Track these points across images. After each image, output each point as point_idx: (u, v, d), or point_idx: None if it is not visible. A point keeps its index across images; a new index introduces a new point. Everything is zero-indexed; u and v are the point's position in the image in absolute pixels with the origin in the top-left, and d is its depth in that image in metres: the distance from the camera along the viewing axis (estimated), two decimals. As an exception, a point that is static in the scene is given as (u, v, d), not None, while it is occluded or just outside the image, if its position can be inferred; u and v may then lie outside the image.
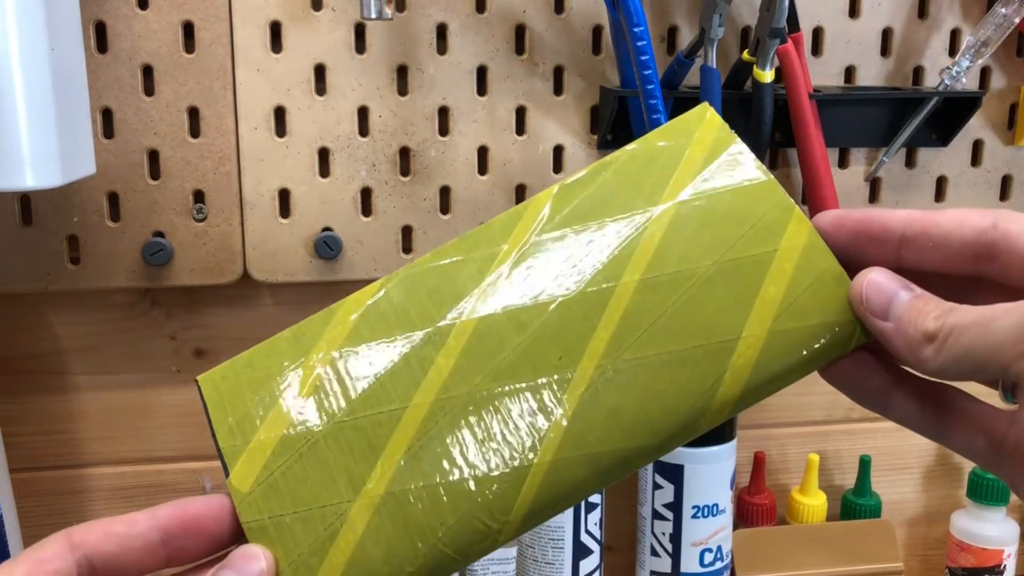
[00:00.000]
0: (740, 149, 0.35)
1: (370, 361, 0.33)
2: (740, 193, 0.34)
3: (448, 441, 0.32)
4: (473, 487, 0.31)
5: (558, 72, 0.70)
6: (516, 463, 0.31)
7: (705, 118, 0.36)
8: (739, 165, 0.35)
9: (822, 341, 0.32)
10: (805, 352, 0.32)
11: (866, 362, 0.33)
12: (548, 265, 0.34)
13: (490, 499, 0.31)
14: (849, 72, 0.73)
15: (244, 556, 0.31)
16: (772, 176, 0.35)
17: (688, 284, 0.33)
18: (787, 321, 0.32)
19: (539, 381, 0.32)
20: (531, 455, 0.31)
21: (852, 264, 0.33)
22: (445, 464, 0.32)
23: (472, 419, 0.32)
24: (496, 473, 0.31)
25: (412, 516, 0.31)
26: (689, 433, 0.32)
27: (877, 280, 0.32)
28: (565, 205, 0.35)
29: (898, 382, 0.33)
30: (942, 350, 0.29)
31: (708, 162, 0.35)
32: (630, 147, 0.36)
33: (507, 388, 0.32)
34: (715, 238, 0.34)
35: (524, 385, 0.32)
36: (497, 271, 0.34)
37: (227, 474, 0.33)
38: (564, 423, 0.32)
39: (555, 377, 0.32)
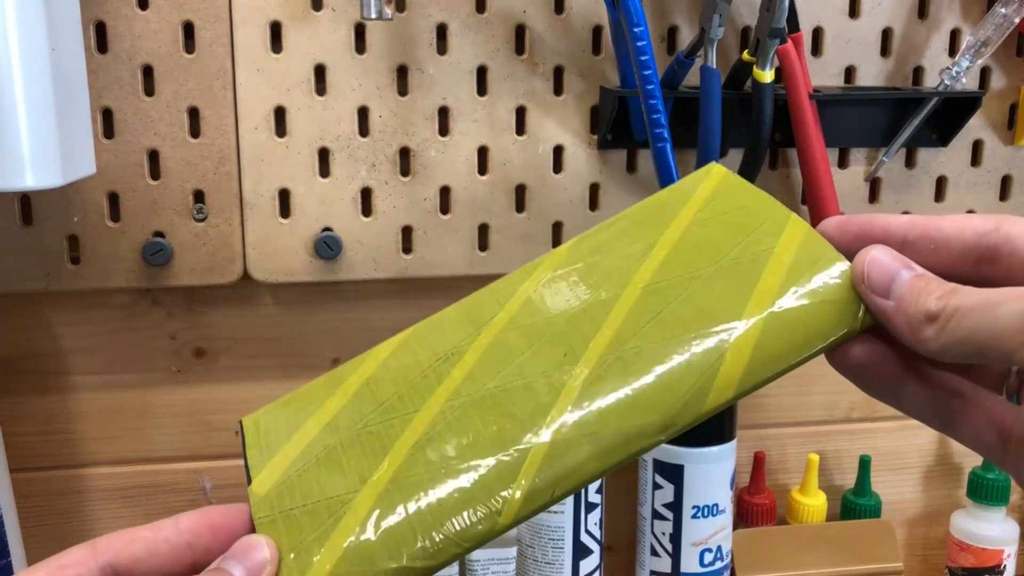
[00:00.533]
0: (742, 184, 0.38)
1: (392, 382, 0.36)
2: (740, 211, 0.37)
3: (453, 432, 0.33)
4: (473, 469, 0.32)
5: (558, 72, 0.70)
6: (517, 444, 0.32)
7: (711, 172, 0.39)
8: (739, 193, 0.38)
9: (824, 320, 0.32)
10: (807, 331, 0.32)
11: (876, 350, 0.32)
12: (561, 289, 0.37)
13: (490, 479, 0.32)
14: (849, 72, 0.73)
15: (247, 545, 0.31)
16: (772, 197, 0.37)
17: (689, 285, 0.34)
18: (788, 301, 0.33)
19: (544, 375, 0.34)
20: (531, 437, 0.32)
21: None
22: (448, 450, 0.33)
23: (478, 412, 0.33)
24: (497, 455, 0.32)
25: (412, 499, 0.32)
26: (693, 413, 0.32)
27: (879, 258, 0.31)
28: (581, 248, 0.38)
29: (909, 371, 0.32)
30: (943, 331, 0.29)
31: (711, 199, 0.38)
32: (642, 201, 0.40)
33: (513, 384, 0.34)
34: (715, 248, 0.35)
35: (529, 380, 0.34)
36: (516, 302, 0.37)
37: (249, 483, 0.34)
38: (565, 406, 0.32)
39: (559, 370, 0.33)
